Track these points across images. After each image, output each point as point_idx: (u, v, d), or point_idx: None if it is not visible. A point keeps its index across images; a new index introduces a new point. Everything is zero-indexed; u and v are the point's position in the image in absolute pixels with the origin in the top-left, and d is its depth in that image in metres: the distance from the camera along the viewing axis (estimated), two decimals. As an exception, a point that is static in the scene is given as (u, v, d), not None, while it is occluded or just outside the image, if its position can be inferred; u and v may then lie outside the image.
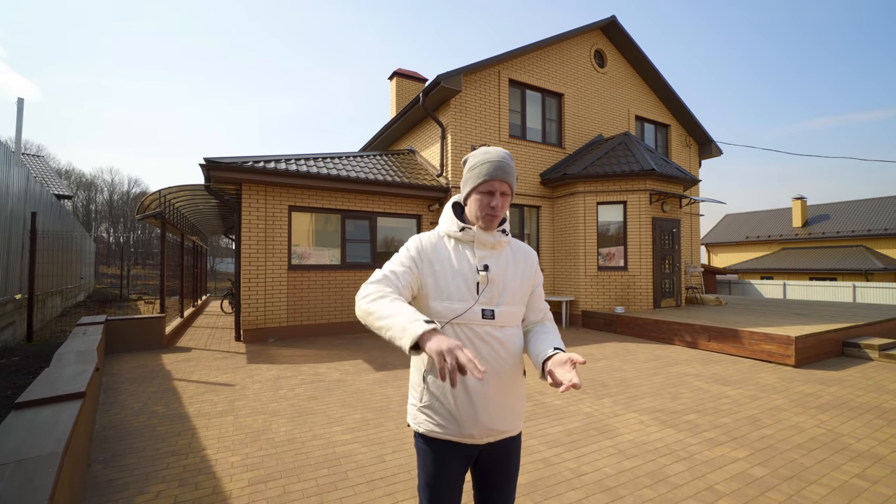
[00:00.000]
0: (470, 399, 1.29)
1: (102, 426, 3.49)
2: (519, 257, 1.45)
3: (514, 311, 1.39)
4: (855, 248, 22.51)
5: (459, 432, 1.30)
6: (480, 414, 1.29)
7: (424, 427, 1.34)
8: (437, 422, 1.31)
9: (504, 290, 1.37)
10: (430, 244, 1.38)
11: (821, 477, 2.74)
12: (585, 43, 10.91)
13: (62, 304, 10.74)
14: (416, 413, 1.36)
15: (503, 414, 1.34)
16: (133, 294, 17.61)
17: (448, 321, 1.31)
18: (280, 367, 5.48)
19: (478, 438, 1.31)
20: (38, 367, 4.66)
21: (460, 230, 1.37)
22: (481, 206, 1.35)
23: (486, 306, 1.33)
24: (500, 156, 1.34)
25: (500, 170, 1.32)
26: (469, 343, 1.30)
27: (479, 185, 1.34)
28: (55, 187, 15.97)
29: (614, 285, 9.15)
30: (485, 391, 1.29)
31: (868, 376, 5.19)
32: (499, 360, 1.32)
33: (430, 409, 1.32)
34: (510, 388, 1.35)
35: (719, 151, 13.16)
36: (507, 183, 1.33)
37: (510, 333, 1.36)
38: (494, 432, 1.33)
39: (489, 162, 1.33)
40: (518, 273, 1.42)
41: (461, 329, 1.31)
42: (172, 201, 8.44)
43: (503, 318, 1.35)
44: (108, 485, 2.58)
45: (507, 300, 1.37)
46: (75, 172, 40.22)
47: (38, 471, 1.63)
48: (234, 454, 3.00)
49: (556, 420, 3.69)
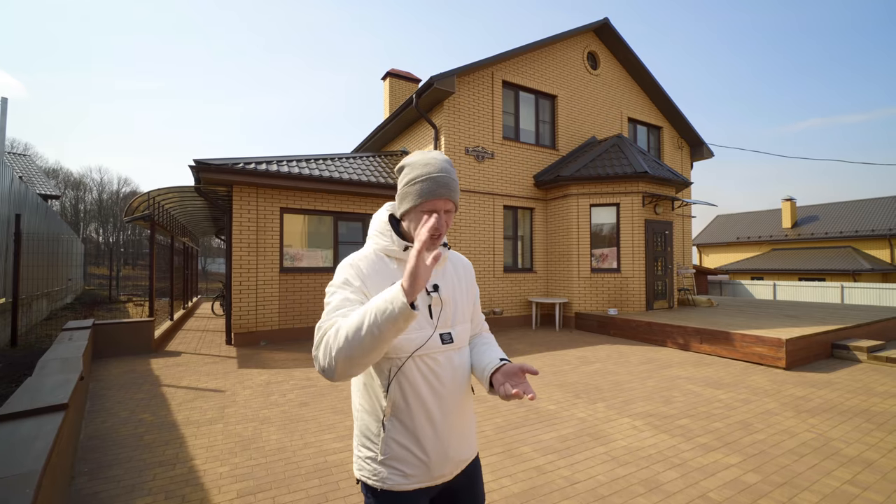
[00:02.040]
0: (437, 436, 1.16)
1: (88, 436, 3.41)
2: (459, 270, 1.32)
3: (467, 328, 1.29)
4: (843, 248, 22.83)
5: (430, 477, 1.17)
6: (450, 449, 1.19)
7: (390, 483, 1.14)
8: (405, 472, 1.15)
9: (455, 308, 1.25)
10: (371, 268, 1.18)
11: (812, 483, 2.75)
12: (578, 45, 10.94)
13: (48, 307, 10.55)
14: (377, 467, 1.16)
15: (465, 440, 1.25)
16: (123, 295, 17.36)
17: (409, 355, 1.14)
18: (271, 371, 5.41)
19: (448, 476, 1.21)
20: (23, 374, 4.56)
21: (404, 250, 1.20)
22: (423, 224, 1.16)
23: (443, 330, 1.20)
24: (441, 168, 1.15)
25: (445, 187, 1.14)
26: (432, 374, 1.16)
27: (419, 204, 1.15)
28: (42, 187, 15.69)
29: (607, 287, 9.18)
30: (451, 422, 1.19)
31: (857, 378, 5.24)
32: (459, 385, 1.22)
33: (396, 460, 1.15)
34: (466, 411, 1.26)
35: (711, 153, 13.28)
36: (452, 200, 1.17)
37: (466, 354, 1.27)
38: (462, 462, 1.24)
39: (430, 178, 1.14)
40: (462, 286, 1.30)
41: (422, 361, 1.15)
42: (162, 203, 8.33)
43: (460, 339, 1.24)
44: (93, 497, 2.51)
45: (460, 318, 1.26)
46: (63, 171, 39.66)
47: (16, 490, 1.57)
48: (222, 464, 2.94)
49: (550, 426, 3.67)
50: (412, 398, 1.15)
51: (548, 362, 6.02)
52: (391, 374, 1.15)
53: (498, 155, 9.52)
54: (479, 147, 9.21)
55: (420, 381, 1.15)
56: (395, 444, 1.15)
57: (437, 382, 1.17)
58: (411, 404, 1.15)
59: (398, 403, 1.15)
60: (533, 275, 9.99)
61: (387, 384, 1.15)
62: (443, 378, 1.18)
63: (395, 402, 1.15)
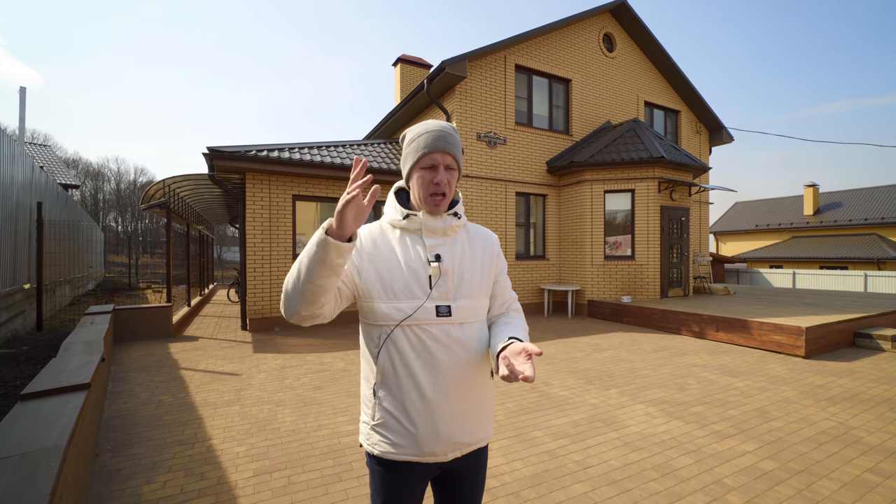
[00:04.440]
0: (428, 410, 1.13)
1: (110, 415, 3.52)
2: (476, 242, 1.27)
3: (475, 305, 1.22)
4: (867, 236, 22.11)
5: (419, 451, 1.14)
6: (441, 427, 1.14)
7: (379, 449, 1.16)
8: (393, 441, 1.15)
9: (461, 281, 1.20)
10: (369, 238, 1.20)
11: (831, 471, 2.69)
12: (594, 26, 10.64)
13: (71, 293, 10.86)
14: (370, 432, 1.19)
15: (467, 424, 1.19)
16: (142, 283, 17.79)
17: (397, 324, 1.13)
18: (286, 356, 5.50)
19: (441, 455, 1.16)
20: (47, 356, 4.71)
21: (404, 217, 1.19)
22: (424, 183, 1.17)
23: (440, 302, 1.16)
24: (439, 126, 1.17)
25: (441, 140, 1.14)
26: (423, 346, 1.13)
27: (418, 159, 1.16)
28: (63, 177, 16.04)
29: (621, 275, 9.06)
30: (444, 398, 1.14)
31: (880, 367, 5.10)
32: (457, 362, 1.16)
33: (384, 428, 1.16)
34: (473, 393, 1.20)
35: (730, 138, 12.89)
36: (451, 155, 1.16)
37: (471, 331, 1.20)
38: (461, 445, 1.18)
39: (427, 133, 1.16)
40: (476, 260, 1.24)
41: (412, 331, 1.13)
42: (177, 191, 8.44)
43: (462, 314, 1.18)
44: (115, 474, 2.60)
45: (465, 293, 1.20)
46: (82, 162, 40.47)
47: (42, 463, 1.62)
48: (239, 444, 3.01)
49: (562, 411, 3.67)
50: (400, 367, 1.14)
51: (560, 349, 5.99)
52: (380, 341, 1.16)
53: (510, 141, 9.38)
54: (491, 133, 9.09)
55: (409, 351, 1.14)
56: (384, 412, 1.16)
57: (428, 355, 1.14)
58: (399, 374, 1.14)
59: (387, 371, 1.15)
60: (545, 262, 9.91)
61: (377, 352, 1.17)
62: (434, 351, 1.14)
63: (385, 370, 1.16)
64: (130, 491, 2.42)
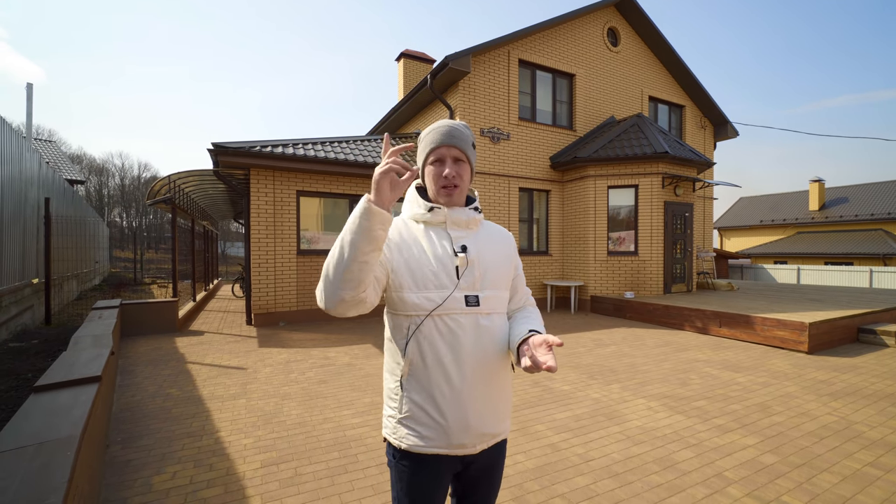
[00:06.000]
0: (457, 400, 1.14)
1: (120, 408, 3.58)
2: (496, 237, 1.32)
3: (499, 296, 1.25)
4: (874, 231, 21.95)
5: (448, 443, 1.14)
6: (471, 417, 1.15)
7: (407, 442, 1.16)
8: (422, 434, 1.14)
9: (486, 272, 1.22)
10: (395, 230, 1.22)
11: (832, 465, 2.72)
12: (599, 20, 10.57)
13: (78, 288, 10.98)
14: (396, 426, 1.18)
15: (494, 414, 1.20)
16: (147, 278, 17.93)
17: (428, 313, 1.15)
18: (291, 350, 5.56)
19: (470, 447, 1.17)
20: (57, 349, 4.79)
21: (429, 210, 1.22)
22: (434, 177, 1.21)
23: (468, 292, 1.18)
24: (447, 123, 1.22)
25: (447, 135, 1.19)
26: (452, 336, 1.15)
27: (427, 156, 1.22)
28: (68, 172, 16.15)
29: (624, 270, 9.07)
30: (472, 388, 1.15)
31: (883, 363, 5.11)
32: (485, 352, 1.18)
33: (413, 420, 1.15)
34: (498, 383, 1.22)
35: (735, 133, 12.81)
36: (459, 148, 1.19)
37: (497, 322, 1.22)
38: (487, 437, 1.20)
39: (434, 130, 1.21)
40: (499, 253, 1.28)
41: (442, 321, 1.15)
42: (182, 186, 8.49)
43: (489, 304, 1.20)
44: (126, 465, 2.65)
45: (491, 283, 1.23)
46: (87, 157, 40.70)
47: (58, 453, 1.67)
48: (246, 436, 3.06)
49: (564, 405, 3.70)
50: (430, 358, 1.15)
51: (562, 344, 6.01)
52: (409, 332, 1.16)
53: (514, 136, 9.37)
54: (494, 128, 9.08)
55: (439, 340, 1.15)
56: (412, 404, 1.16)
57: (458, 344, 1.15)
58: (429, 364, 1.15)
59: (415, 362, 1.16)
60: (548, 258, 9.92)
61: (405, 343, 1.17)
62: (463, 341, 1.15)
63: (413, 361, 1.16)
64: (141, 481, 2.48)
